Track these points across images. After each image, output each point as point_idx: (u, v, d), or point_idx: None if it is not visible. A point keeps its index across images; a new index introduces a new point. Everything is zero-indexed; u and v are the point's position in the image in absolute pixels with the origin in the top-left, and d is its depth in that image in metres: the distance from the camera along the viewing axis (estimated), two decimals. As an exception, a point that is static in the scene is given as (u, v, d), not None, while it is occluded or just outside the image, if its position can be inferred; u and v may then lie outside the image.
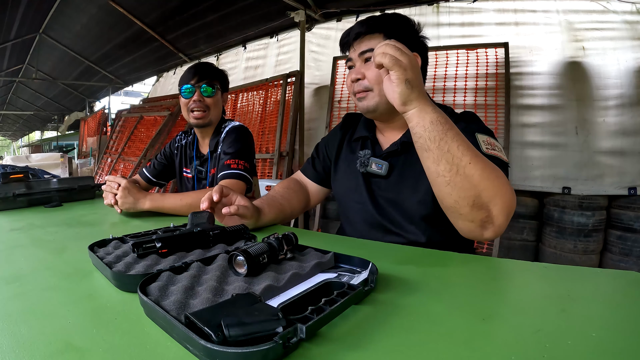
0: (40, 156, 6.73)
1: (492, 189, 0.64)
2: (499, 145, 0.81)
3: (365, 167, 0.92)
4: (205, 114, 1.32)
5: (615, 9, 2.53)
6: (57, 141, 13.86)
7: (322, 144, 1.11)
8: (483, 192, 0.64)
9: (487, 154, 0.74)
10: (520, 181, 2.59)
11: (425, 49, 0.91)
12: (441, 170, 0.65)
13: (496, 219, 0.65)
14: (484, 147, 0.76)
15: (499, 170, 0.67)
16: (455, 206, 0.67)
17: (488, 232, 0.67)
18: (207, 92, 1.31)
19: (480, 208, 0.64)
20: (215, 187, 0.81)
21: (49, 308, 0.45)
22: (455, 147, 0.64)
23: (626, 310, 0.44)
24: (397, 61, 0.64)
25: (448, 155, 0.64)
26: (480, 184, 0.63)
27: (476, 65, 2.77)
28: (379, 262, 0.54)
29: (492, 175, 0.65)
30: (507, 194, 0.66)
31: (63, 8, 4.26)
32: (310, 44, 3.68)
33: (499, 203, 0.64)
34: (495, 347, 0.35)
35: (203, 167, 1.40)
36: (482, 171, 0.64)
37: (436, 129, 0.65)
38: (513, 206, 0.67)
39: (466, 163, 0.63)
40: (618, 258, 2.37)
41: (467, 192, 0.64)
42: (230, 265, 0.52)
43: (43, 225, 0.94)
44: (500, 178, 0.66)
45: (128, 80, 7.05)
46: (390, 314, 0.42)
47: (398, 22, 0.88)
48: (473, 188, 0.64)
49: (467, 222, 0.67)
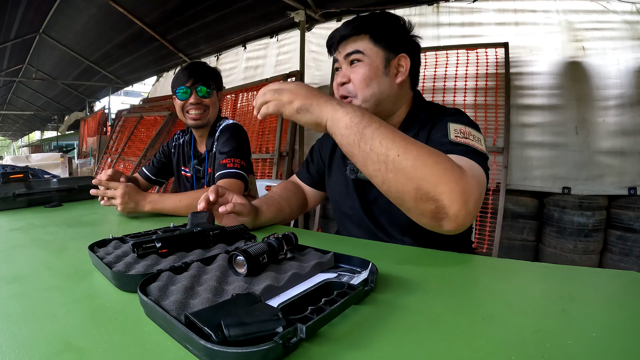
0: (40, 156, 6.73)
1: (431, 176, 0.57)
2: (479, 136, 0.76)
3: (355, 174, 0.90)
4: (203, 115, 1.32)
5: (615, 9, 2.53)
6: (57, 141, 13.85)
7: (317, 146, 1.10)
8: (422, 182, 0.57)
9: (455, 141, 0.71)
10: (520, 181, 2.59)
11: (416, 49, 0.89)
12: (370, 171, 0.61)
13: (449, 208, 0.58)
14: (453, 135, 0.73)
15: (440, 155, 0.60)
16: (399, 202, 0.62)
17: (445, 224, 0.60)
18: (204, 93, 1.30)
19: (425, 199, 0.58)
20: (211, 187, 0.81)
21: (49, 308, 0.45)
22: (378, 144, 0.58)
23: (626, 310, 0.44)
24: (277, 103, 0.65)
25: (372, 154, 0.59)
26: (415, 174, 0.57)
27: (476, 65, 2.77)
28: (379, 262, 0.54)
29: (430, 161, 0.58)
30: (456, 181, 0.58)
31: (63, 8, 4.26)
32: (310, 44, 3.68)
33: (446, 190, 0.57)
34: (495, 347, 0.35)
35: (201, 166, 1.40)
36: (414, 161, 0.57)
37: (352, 132, 0.60)
38: (471, 192, 0.59)
39: (394, 157, 0.58)
40: (618, 258, 2.37)
41: (404, 186, 0.58)
42: (230, 265, 0.52)
43: (43, 225, 0.94)
44: (443, 163, 0.59)
45: (128, 80, 7.05)
46: (390, 314, 0.42)
47: (385, 22, 0.86)
48: (409, 181, 0.58)
49: (419, 216, 0.62)
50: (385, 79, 0.84)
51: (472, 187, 0.60)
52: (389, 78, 0.84)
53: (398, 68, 0.85)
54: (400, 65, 0.85)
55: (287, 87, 0.65)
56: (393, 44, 0.84)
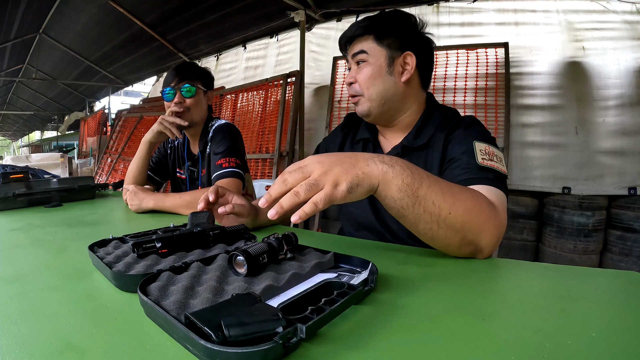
0: (40, 156, 6.73)
1: (477, 228, 0.61)
2: (500, 155, 0.77)
3: None
4: (187, 115, 1.30)
5: (615, 9, 2.53)
6: (57, 141, 13.85)
7: (324, 145, 1.10)
8: (468, 234, 0.60)
9: (482, 165, 0.72)
10: (520, 181, 2.59)
11: (426, 47, 0.89)
12: (421, 230, 0.60)
13: (485, 249, 0.63)
14: (480, 157, 0.73)
15: (483, 202, 0.63)
16: (444, 249, 0.64)
17: (479, 256, 0.65)
18: (187, 92, 1.29)
19: (467, 245, 0.62)
20: (211, 188, 0.81)
21: (49, 308, 0.45)
22: (431, 204, 0.57)
23: (626, 310, 0.44)
24: (324, 197, 0.50)
25: (425, 215, 0.58)
26: (464, 228, 0.60)
27: (476, 65, 2.77)
28: (379, 262, 0.54)
29: (474, 213, 0.61)
30: (494, 225, 0.63)
31: (63, 8, 4.25)
32: (310, 44, 3.68)
33: (487, 237, 0.62)
34: (495, 347, 0.35)
35: (195, 168, 1.40)
36: (463, 215, 0.59)
37: (405, 195, 0.56)
38: (502, 231, 0.65)
39: (445, 215, 0.58)
40: (618, 258, 2.37)
41: (451, 238, 0.61)
42: (230, 265, 0.52)
43: (43, 225, 0.94)
44: (485, 212, 0.62)
45: (128, 80, 7.05)
46: (390, 314, 0.42)
47: (390, 21, 0.86)
48: (457, 233, 0.60)
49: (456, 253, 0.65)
50: (389, 78, 0.85)
51: (503, 222, 0.66)
52: (394, 77, 0.85)
53: (404, 66, 0.85)
54: (405, 63, 0.85)
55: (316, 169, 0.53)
56: (398, 42, 0.85)
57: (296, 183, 0.52)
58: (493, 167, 0.73)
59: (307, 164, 0.53)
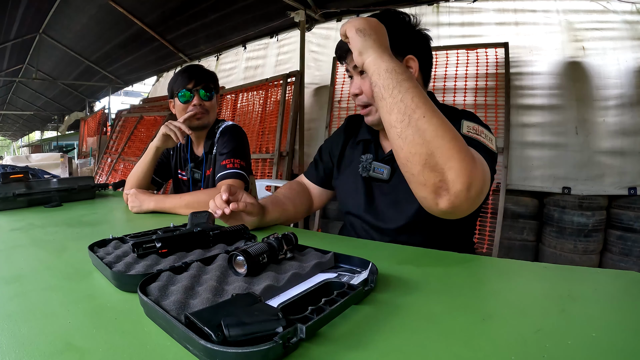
0: (40, 156, 6.74)
1: (446, 150, 0.58)
2: (490, 136, 0.77)
3: (367, 172, 0.91)
4: (204, 116, 1.33)
5: (615, 9, 2.53)
6: (57, 141, 13.85)
7: (326, 146, 1.11)
8: (436, 152, 0.58)
9: (467, 136, 0.72)
10: (520, 181, 2.59)
11: (425, 47, 0.87)
12: (393, 120, 0.62)
13: (452, 185, 0.58)
14: (465, 129, 0.74)
15: (461, 137, 0.61)
16: (406, 163, 0.62)
17: (443, 201, 0.60)
18: (206, 95, 1.32)
19: (432, 169, 0.59)
20: (223, 187, 0.82)
21: (49, 308, 0.45)
22: (409, 98, 0.61)
23: (626, 310, 0.44)
24: (348, 24, 0.68)
25: (400, 104, 0.61)
26: (433, 141, 0.58)
27: (476, 65, 2.77)
28: (379, 262, 0.54)
29: (449, 135, 0.59)
30: (467, 159, 0.59)
31: (63, 8, 4.25)
32: (310, 44, 3.68)
33: (455, 167, 0.58)
34: (495, 347, 0.35)
35: (198, 169, 1.40)
36: (436, 127, 0.59)
37: (391, 77, 0.63)
38: (477, 178, 0.60)
39: (419, 116, 0.59)
40: (618, 258, 2.37)
41: (418, 147, 0.59)
42: (230, 265, 0.52)
43: (43, 225, 0.94)
44: (460, 142, 0.60)
45: (128, 80, 7.05)
46: (390, 314, 0.42)
47: (389, 22, 0.82)
48: (425, 144, 0.59)
49: (420, 186, 0.62)
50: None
51: (478, 174, 0.61)
52: None
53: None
54: (409, 67, 0.84)
55: (362, 19, 0.69)
56: (399, 47, 0.81)
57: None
58: (478, 139, 0.73)
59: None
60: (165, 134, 1.18)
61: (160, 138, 1.21)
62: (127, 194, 1.18)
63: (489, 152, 0.73)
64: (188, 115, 1.25)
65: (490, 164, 0.71)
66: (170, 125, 1.18)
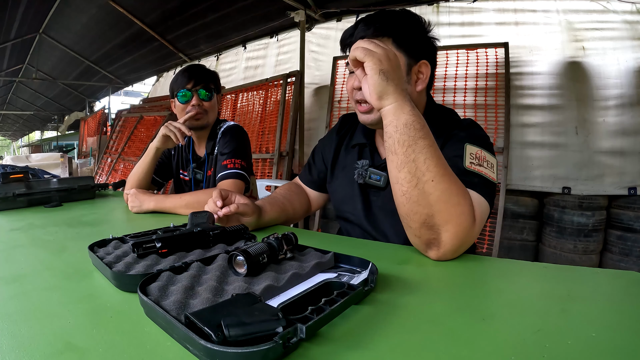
0: (40, 156, 6.73)
1: (447, 214, 0.60)
2: (492, 161, 0.75)
3: (363, 179, 0.89)
4: (204, 116, 1.32)
5: (615, 9, 2.53)
6: (57, 141, 13.84)
7: (319, 148, 1.07)
8: (437, 215, 0.60)
9: (468, 169, 0.70)
10: (520, 181, 2.59)
11: (434, 52, 0.85)
12: (401, 178, 0.61)
13: (443, 245, 0.61)
14: (468, 161, 0.71)
15: (465, 197, 0.62)
16: (406, 217, 0.63)
17: (432, 253, 0.63)
18: (206, 96, 1.31)
19: (429, 228, 0.61)
20: (214, 193, 0.81)
21: (49, 308, 0.45)
22: (422, 160, 0.60)
23: (626, 310, 0.44)
24: (369, 52, 0.61)
25: (412, 165, 0.60)
26: (435, 205, 0.59)
27: (476, 65, 2.77)
28: (379, 262, 0.54)
29: (453, 200, 0.60)
30: (465, 223, 0.61)
31: (63, 8, 4.25)
32: (310, 44, 3.68)
33: (451, 230, 0.60)
34: (495, 347, 0.35)
35: (200, 170, 1.40)
36: (442, 193, 0.59)
37: (408, 132, 0.60)
38: (470, 236, 0.62)
39: (428, 179, 0.59)
40: (618, 258, 2.37)
41: (420, 208, 0.60)
42: (230, 265, 0.52)
43: (43, 225, 0.94)
44: (462, 206, 0.61)
45: (128, 80, 7.05)
46: (390, 314, 0.42)
47: (407, 23, 0.79)
48: (427, 207, 0.60)
49: (413, 237, 0.65)
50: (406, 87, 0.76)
51: (472, 235, 0.63)
52: (410, 86, 0.79)
53: (418, 75, 0.80)
54: (420, 72, 0.80)
55: (384, 47, 0.63)
56: (415, 49, 0.78)
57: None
58: (480, 173, 0.71)
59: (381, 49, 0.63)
60: (165, 134, 1.18)
61: (160, 139, 1.21)
62: (127, 194, 1.18)
63: (490, 185, 0.72)
64: (187, 117, 1.24)
65: (490, 198, 0.71)
66: (170, 126, 1.18)
